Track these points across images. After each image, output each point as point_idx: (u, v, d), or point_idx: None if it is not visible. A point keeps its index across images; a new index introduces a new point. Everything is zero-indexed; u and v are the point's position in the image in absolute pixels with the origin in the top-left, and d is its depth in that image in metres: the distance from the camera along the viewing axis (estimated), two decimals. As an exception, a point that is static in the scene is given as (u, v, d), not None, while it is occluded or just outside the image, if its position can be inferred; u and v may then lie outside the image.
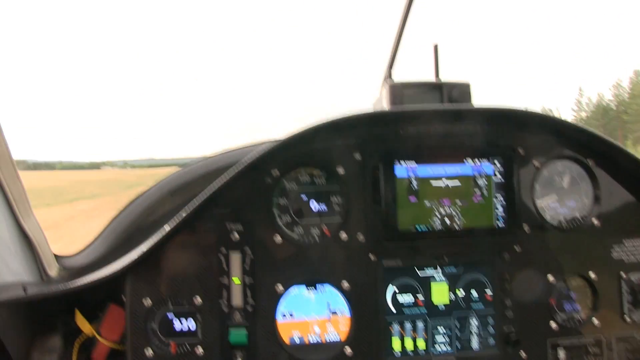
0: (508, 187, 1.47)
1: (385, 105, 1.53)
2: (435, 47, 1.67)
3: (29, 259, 1.46)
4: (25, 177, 1.41)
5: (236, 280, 1.38)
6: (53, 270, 1.52)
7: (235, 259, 1.39)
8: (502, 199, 1.47)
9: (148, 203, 1.85)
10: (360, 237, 1.44)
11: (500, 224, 1.47)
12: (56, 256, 1.61)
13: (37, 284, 1.44)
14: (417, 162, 1.43)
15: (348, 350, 1.43)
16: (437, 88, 1.52)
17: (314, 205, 1.45)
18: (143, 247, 1.34)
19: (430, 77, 1.63)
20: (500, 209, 1.47)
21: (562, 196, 1.57)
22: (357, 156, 1.44)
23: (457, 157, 1.45)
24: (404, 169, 1.43)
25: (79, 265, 1.65)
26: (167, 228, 1.32)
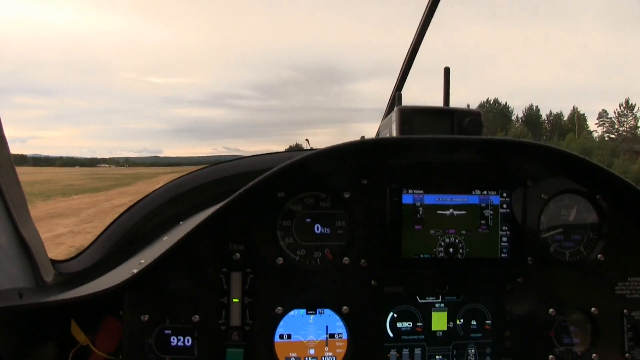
0: (514, 219, 1.46)
1: (394, 129, 1.51)
2: (447, 71, 1.65)
3: (25, 265, 1.44)
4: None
5: (235, 300, 1.37)
6: (49, 276, 1.51)
7: (236, 279, 1.37)
8: (507, 230, 1.46)
9: (148, 209, 1.83)
10: (363, 262, 1.43)
11: (504, 255, 1.46)
12: (52, 261, 1.59)
13: (33, 289, 1.42)
14: (425, 191, 1.42)
15: None
16: (448, 115, 1.50)
17: (318, 229, 1.43)
18: (143, 263, 1.32)
19: (438, 100, 1.61)
20: (505, 241, 1.46)
21: (567, 230, 1.55)
22: (364, 181, 1.43)
23: (465, 187, 1.44)
24: (410, 197, 1.42)
25: (75, 271, 1.63)
26: (168, 245, 1.30)
